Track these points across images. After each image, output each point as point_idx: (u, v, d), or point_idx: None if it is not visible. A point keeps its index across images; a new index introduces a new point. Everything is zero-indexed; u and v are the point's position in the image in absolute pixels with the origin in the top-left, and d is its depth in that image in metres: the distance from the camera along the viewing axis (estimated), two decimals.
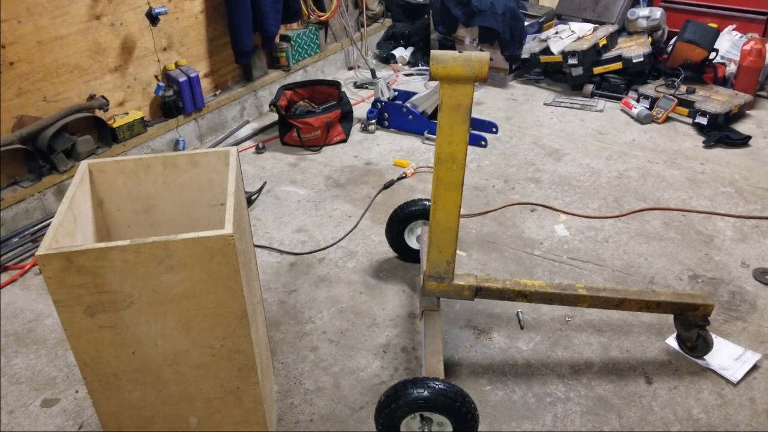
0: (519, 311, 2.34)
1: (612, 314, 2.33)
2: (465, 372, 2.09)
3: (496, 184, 3.21)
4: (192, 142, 3.64)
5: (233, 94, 3.85)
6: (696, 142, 3.61)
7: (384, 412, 1.68)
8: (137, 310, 1.36)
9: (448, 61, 1.63)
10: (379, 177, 3.30)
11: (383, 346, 2.21)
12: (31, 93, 2.83)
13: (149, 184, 1.66)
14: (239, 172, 1.59)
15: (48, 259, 1.25)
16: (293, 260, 2.67)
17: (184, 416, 1.57)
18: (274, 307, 2.40)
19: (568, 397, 2.00)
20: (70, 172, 2.97)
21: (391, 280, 2.54)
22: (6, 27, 2.65)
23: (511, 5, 4.17)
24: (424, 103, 3.79)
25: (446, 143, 1.75)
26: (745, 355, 2.12)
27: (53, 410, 1.99)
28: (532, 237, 2.78)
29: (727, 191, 3.10)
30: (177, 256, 1.30)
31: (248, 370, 1.51)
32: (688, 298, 2.05)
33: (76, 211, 1.46)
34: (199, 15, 3.56)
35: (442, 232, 1.88)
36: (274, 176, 3.34)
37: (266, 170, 3.41)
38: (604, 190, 3.14)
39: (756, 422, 1.90)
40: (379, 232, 2.83)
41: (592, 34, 4.22)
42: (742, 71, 3.92)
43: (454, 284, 1.97)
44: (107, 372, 1.44)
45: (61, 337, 2.27)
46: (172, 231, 1.70)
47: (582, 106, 4.09)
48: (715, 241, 2.72)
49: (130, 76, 3.27)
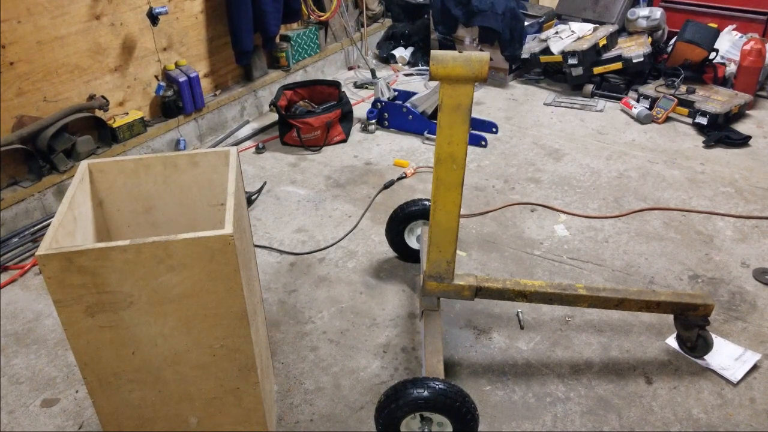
0: (519, 311, 2.34)
1: (612, 314, 2.33)
2: (465, 372, 2.09)
3: (496, 184, 3.21)
4: (192, 142, 3.64)
5: (233, 94, 3.85)
6: (696, 142, 3.61)
7: (384, 412, 1.68)
8: (137, 310, 1.36)
9: (448, 61, 1.63)
10: (379, 177, 3.30)
11: (383, 346, 2.21)
12: (31, 93, 2.83)
13: (149, 184, 1.66)
14: (239, 172, 1.59)
15: (48, 259, 1.25)
16: (293, 260, 2.67)
17: (184, 416, 1.57)
18: (274, 307, 2.40)
19: (568, 397, 2.00)
20: (70, 172, 2.97)
21: (391, 280, 2.54)
22: (6, 27, 2.65)
23: (511, 5, 4.17)
24: (424, 103, 3.79)
25: (446, 143, 1.75)
26: (745, 355, 2.12)
27: (53, 410, 1.99)
28: (532, 237, 2.78)
29: (727, 191, 3.10)
30: (177, 256, 1.30)
31: (248, 370, 1.51)
32: (688, 298, 2.05)
33: (76, 211, 1.46)
34: (199, 15, 3.56)
35: (442, 232, 1.88)
36: (274, 176, 3.34)
37: (266, 170, 3.41)
38: (604, 190, 3.14)
39: (756, 422, 1.90)
40: (379, 232, 2.83)
41: (592, 34, 4.22)
42: (742, 71, 3.92)
43: (454, 284, 1.97)
44: (107, 372, 1.44)
45: (61, 337, 2.27)
46: (172, 231, 1.70)
47: (582, 106, 4.09)
48: (715, 241, 2.72)
49: (130, 76, 3.27)
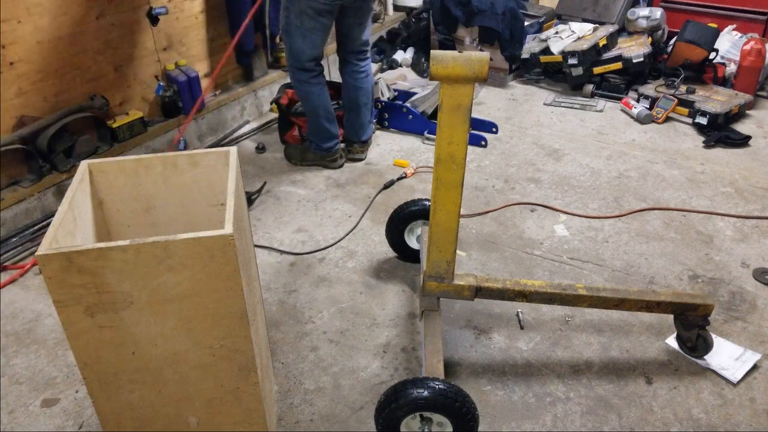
0: (519, 311, 2.35)
1: (612, 314, 2.33)
2: (465, 372, 2.09)
3: (496, 184, 3.21)
4: (192, 141, 3.64)
5: (233, 94, 3.85)
6: (696, 142, 3.61)
7: (384, 412, 1.69)
8: (137, 310, 1.36)
9: (448, 61, 1.63)
10: (379, 177, 3.30)
11: (383, 346, 2.21)
12: (31, 93, 2.83)
13: (149, 184, 1.66)
14: (239, 172, 1.59)
15: (48, 259, 1.25)
16: (293, 260, 2.67)
17: (184, 416, 1.57)
18: (274, 307, 2.40)
19: (568, 397, 2.00)
20: (70, 172, 2.97)
21: (391, 280, 2.54)
22: (6, 27, 2.65)
23: (511, 5, 4.17)
24: (424, 103, 3.80)
25: (446, 143, 1.75)
26: (745, 355, 2.12)
27: (53, 410, 1.99)
28: (532, 237, 2.78)
29: (727, 191, 3.10)
30: (177, 256, 1.30)
31: (248, 370, 1.51)
32: (688, 298, 2.05)
33: (76, 211, 1.46)
34: (199, 15, 3.56)
35: (442, 232, 1.88)
36: (274, 176, 3.35)
37: (266, 170, 3.41)
38: (604, 190, 3.14)
39: (756, 422, 1.90)
40: (379, 232, 2.83)
41: (592, 34, 4.22)
42: (742, 71, 3.93)
43: (454, 284, 1.97)
44: (107, 372, 1.44)
45: (61, 337, 2.27)
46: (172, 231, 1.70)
47: (582, 106, 4.09)
48: (715, 241, 2.73)
49: (130, 76, 3.27)
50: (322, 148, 3.34)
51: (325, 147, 3.33)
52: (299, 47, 3.02)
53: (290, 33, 3.01)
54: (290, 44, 3.05)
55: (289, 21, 2.98)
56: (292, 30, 2.99)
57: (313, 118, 3.26)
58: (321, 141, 3.32)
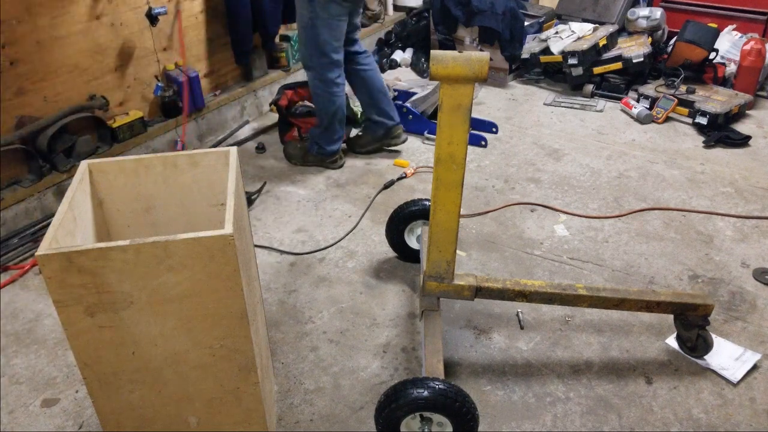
0: (519, 311, 2.34)
1: (612, 314, 2.33)
2: (465, 372, 2.09)
3: (496, 184, 3.21)
4: (192, 142, 3.64)
5: (233, 94, 3.85)
6: (696, 142, 3.61)
7: (384, 412, 1.68)
8: (137, 310, 1.36)
9: (448, 61, 1.63)
10: (379, 177, 3.30)
11: (383, 346, 2.21)
12: (31, 93, 2.83)
13: (149, 184, 1.66)
14: (239, 172, 1.59)
15: (48, 259, 1.25)
16: (293, 260, 2.67)
17: (184, 416, 1.57)
18: (274, 307, 2.40)
19: (568, 397, 2.00)
20: (70, 172, 2.97)
21: (391, 280, 2.54)
22: (6, 27, 2.65)
23: (511, 5, 4.17)
24: (424, 103, 3.79)
25: (446, 143, 1.75)
26: (745, 355, 2.12)
27: (53, 410, 1.99)
28: (532, 237, 2.78)
29: (727, 191, 3.10)
30: (177, 256, 1.30)
31: (248, 370, 1.51)
32: (688, 298, 2.05)
33: (76, 211, 1.46)
34: (198, 15, 3.56)
35: (442, 232, 1.88)
36: (274, 176, 3.35)
37: (266, 170, 3.41)
38: (604, 190, 3.14)
39: (756, 422, 1.90)
40: (379, 232, 2.83)
41: (592, 34, 4.22)
42: (742, 71, 3.93)
43: (454, 284, 1.97)
44: (107, 372, 1.44)
45: (61, 337, 2.27)
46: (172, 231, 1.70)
47: (582, 106, 4.09)
48: (715, 241, 2.73)
49: (130, 76, 3.27)
50: (326, 151, 3.32)
51: (330, 150, 3.32)
52: (325, 39, 2.97)
53: (315, 26, 2.94)
54: (315, 38, 2.98)
55: (314, 14, 2.92)
56: (317, 22, 2.93)
57: (329, 120, 3.21)
58: (327, 144, 3.30)
